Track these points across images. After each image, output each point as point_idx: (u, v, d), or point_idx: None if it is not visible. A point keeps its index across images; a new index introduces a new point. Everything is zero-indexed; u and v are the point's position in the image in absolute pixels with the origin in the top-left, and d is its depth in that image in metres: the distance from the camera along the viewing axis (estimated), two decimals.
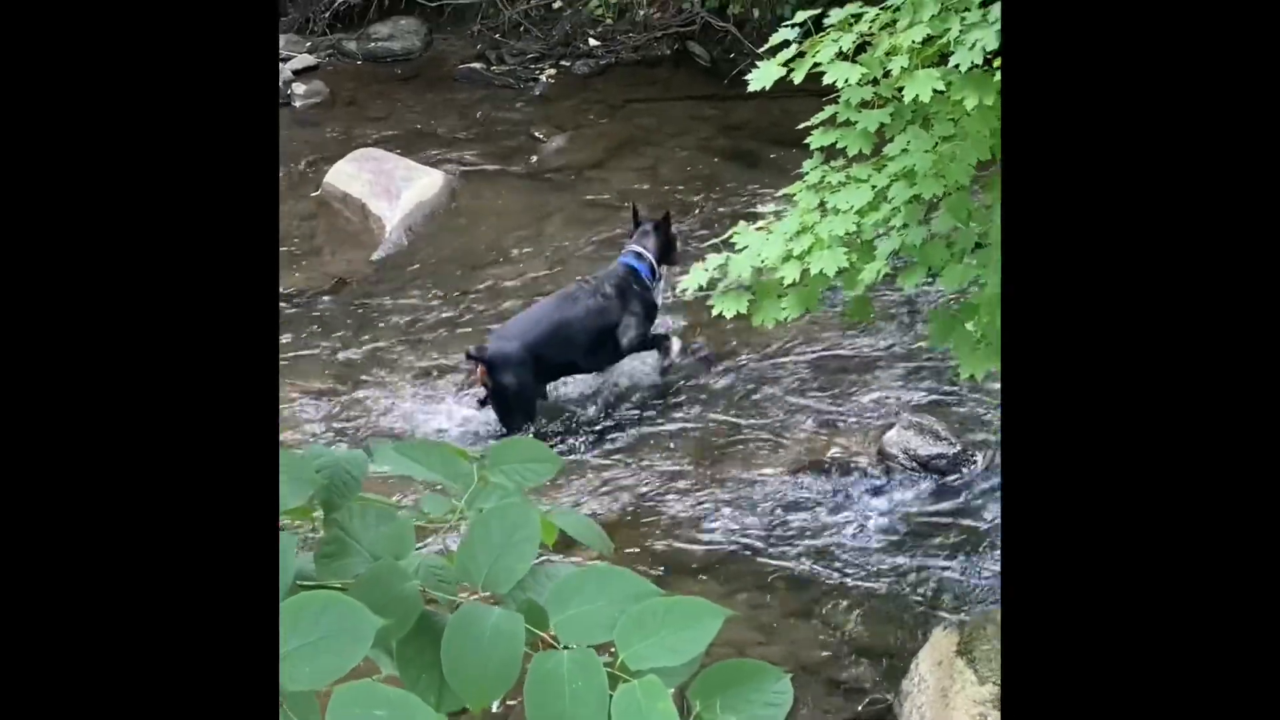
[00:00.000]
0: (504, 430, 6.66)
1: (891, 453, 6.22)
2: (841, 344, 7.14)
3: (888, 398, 6.70)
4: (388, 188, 8.88)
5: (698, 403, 6.82)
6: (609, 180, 9.29)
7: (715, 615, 1.88)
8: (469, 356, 6.75)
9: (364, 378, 7.20)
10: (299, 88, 10.88)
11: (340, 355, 7.45)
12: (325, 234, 8.82)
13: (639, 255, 7.05)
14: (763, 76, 4.06)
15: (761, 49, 4.32)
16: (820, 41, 4.02)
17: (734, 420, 6.68)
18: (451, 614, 1.94)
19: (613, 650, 1.90)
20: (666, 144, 9.69)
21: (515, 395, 6.67)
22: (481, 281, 8.14)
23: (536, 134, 10.05)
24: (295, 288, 8.11)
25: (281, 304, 7.97)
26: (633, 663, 1.86)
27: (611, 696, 1.83)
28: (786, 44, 4.10)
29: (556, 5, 11.43)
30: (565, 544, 2.39)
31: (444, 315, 7.84)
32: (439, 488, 2.21)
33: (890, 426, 6.37)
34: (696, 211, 8.68)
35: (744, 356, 7.11)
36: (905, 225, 4.23)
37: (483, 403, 6.76)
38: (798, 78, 3.99)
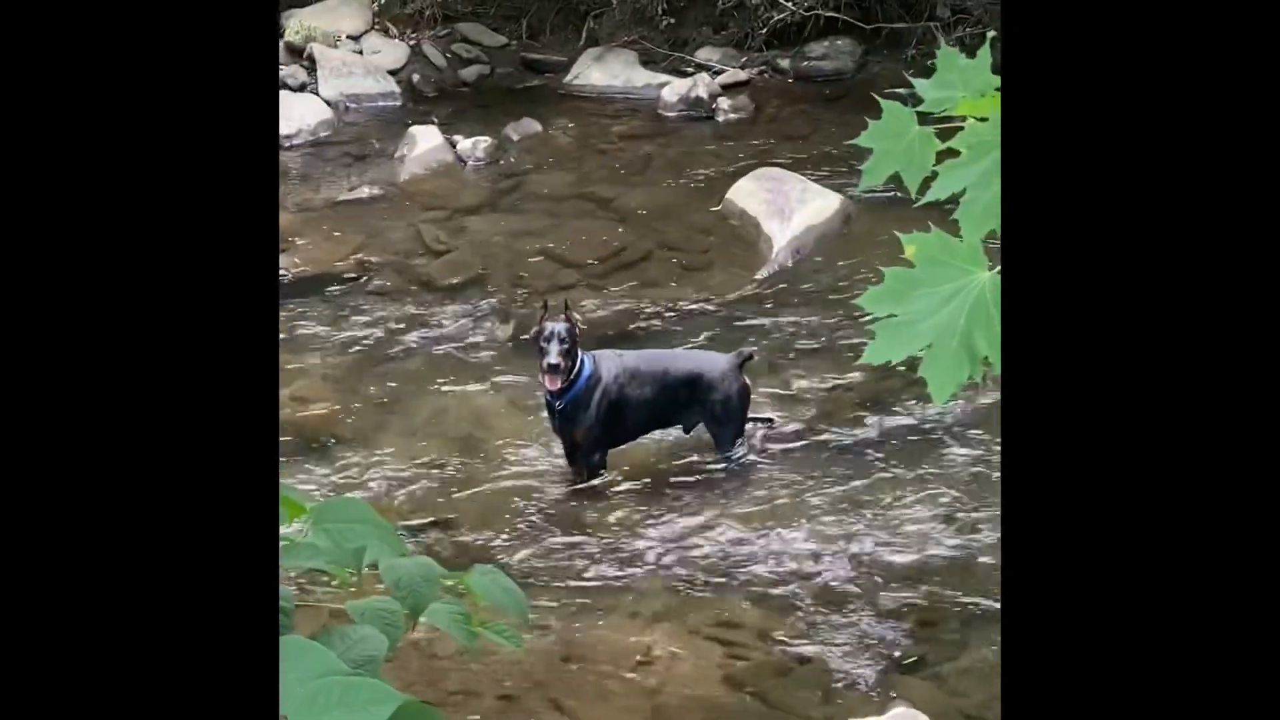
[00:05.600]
0: None
1: None
2: None
3: None
4: (782, 208, 8.94)
5: None
6: None
7: (390, 700, 1.85)
8: None
9: None
10: (725, 102, 11.07)
11: None
12: (718, 249, 8.97)
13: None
14: None
15: None
16: None
17: None
18: None
19: None
20: None
21: None
22: (859, 311, 8.08)
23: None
24: (670, 300, 8.28)
25: (659, 314, 8.17)
26: None
27: None
28: None
29: (992, 34, 11.22)
30: None
31: (814, 339, 7.85)
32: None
33: None
34: None
35: None
36: None
37: None
38: None
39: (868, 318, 7.31)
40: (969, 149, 2.19)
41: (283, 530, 2.11)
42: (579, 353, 6.57)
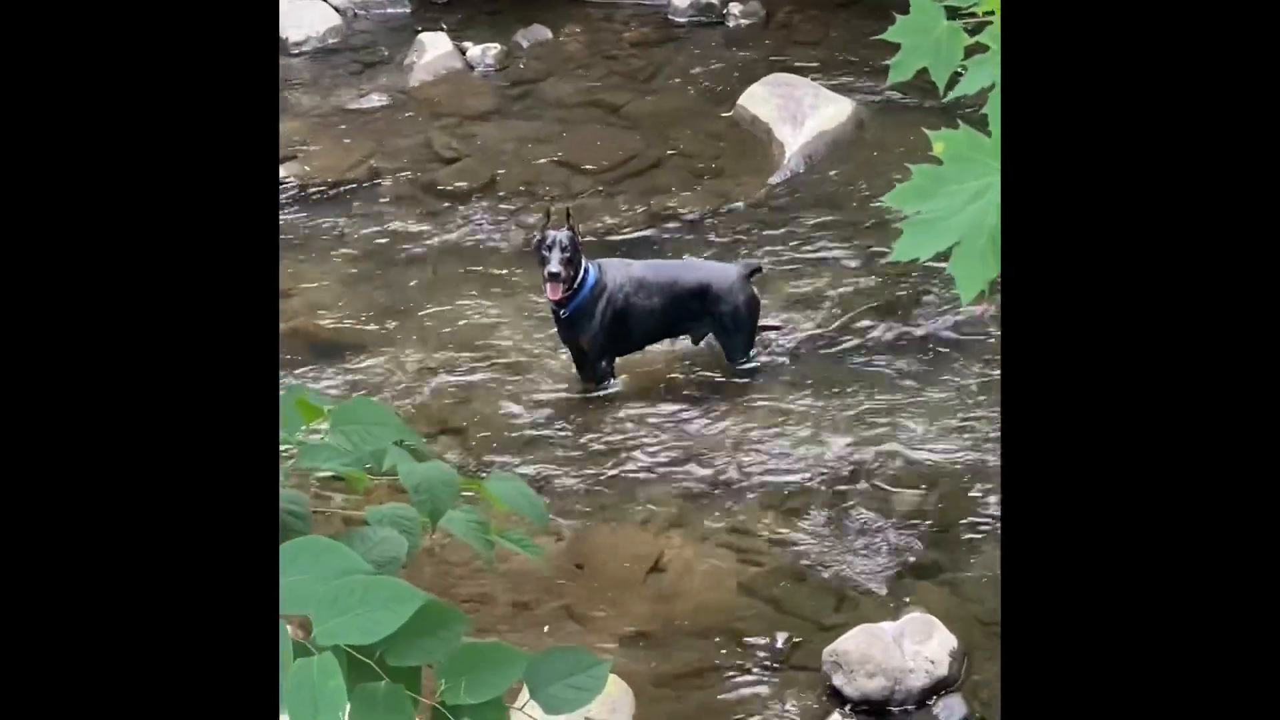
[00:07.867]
0: None
1: None
2: None
3: None
4: (794, 114, 8.86)
5: None
6: None
7: (412, 599, 1.83)
8: None
9: None
10: (735, 7, 10.92)
11: None
12: (729, 155, 8.89)
13: None
14: None
15: None
16: None
17: None
18: None
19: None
20: None
21: None
22: (872, 216, 8.05)
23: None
24: (681, 207, 8.23)
25: (669, 221, 8.12)
26: (323, 638, 1.84)
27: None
28: None
29: None
30: None
31: (826, 245, 7.81)
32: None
33: None
34: None
35: None
36: None
37: None
38: None
39: (876, 224, 7.21)
40: (997, 43, 2.14)
41: (300, 433, 2.10)
42: (583, 261, 6.54)
